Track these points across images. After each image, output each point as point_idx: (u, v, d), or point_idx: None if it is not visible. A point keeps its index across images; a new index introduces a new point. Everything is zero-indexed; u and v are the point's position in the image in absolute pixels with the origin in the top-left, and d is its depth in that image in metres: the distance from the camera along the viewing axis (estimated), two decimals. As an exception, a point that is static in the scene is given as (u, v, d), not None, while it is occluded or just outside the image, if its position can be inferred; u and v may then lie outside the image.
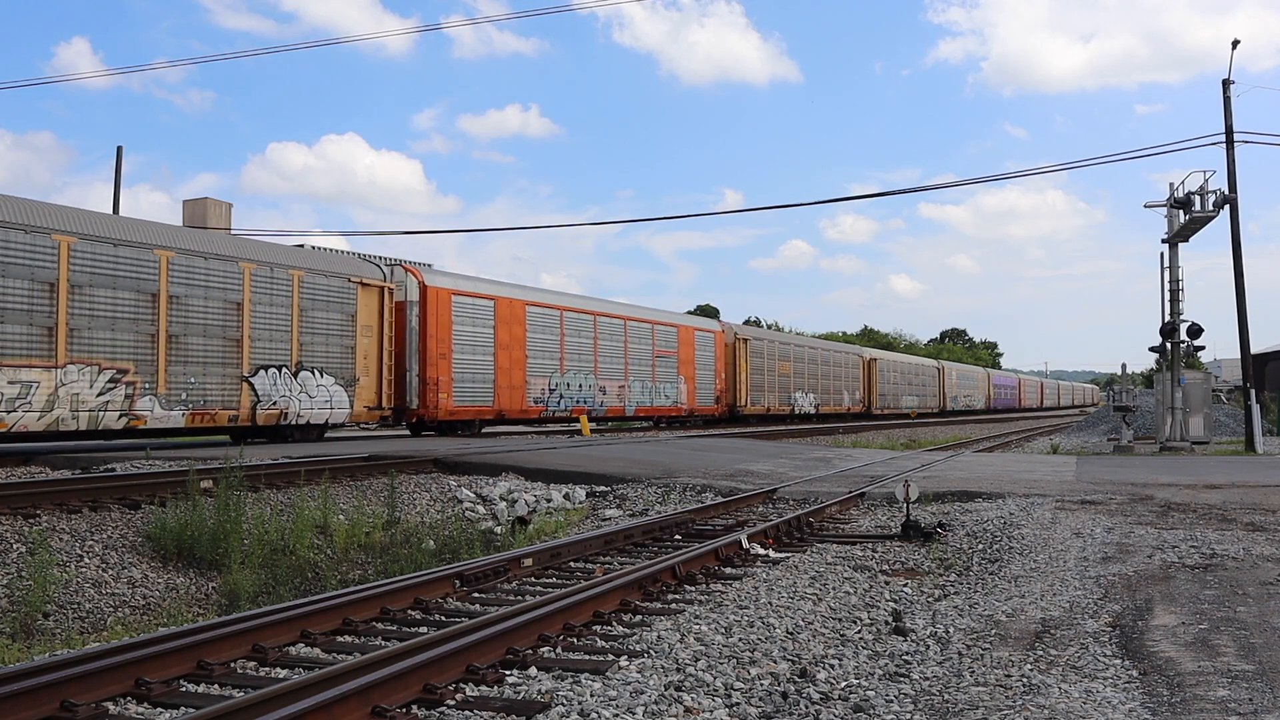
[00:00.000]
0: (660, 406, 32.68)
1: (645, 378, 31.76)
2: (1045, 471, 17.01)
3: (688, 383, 34.64)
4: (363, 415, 20.57)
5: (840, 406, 49.17)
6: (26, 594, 7.94)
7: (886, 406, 55.14)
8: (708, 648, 5.67)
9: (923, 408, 61.82)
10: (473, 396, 23.77)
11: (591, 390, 28.53)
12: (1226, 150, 25.14)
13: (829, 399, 47.90)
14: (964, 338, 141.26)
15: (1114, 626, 6.10)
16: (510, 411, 25.08)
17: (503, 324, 24.99)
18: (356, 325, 20.33)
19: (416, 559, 10.48)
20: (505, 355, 24.98)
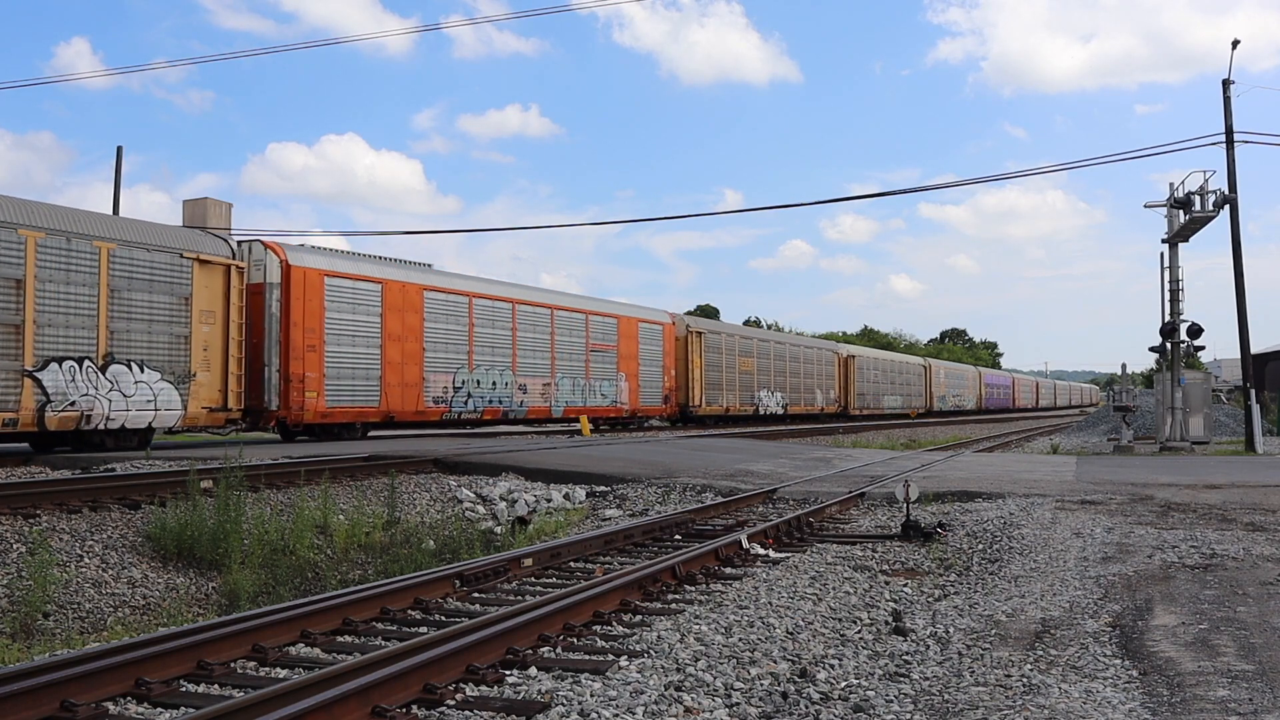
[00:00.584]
0: (595, 407, 29.06)
1: (577, 374, 28.10)
2: (1045, 471, 17.01)
3: (629, 380, 30.86)
4: (201, 418, 17.25)
5: (813, 406, 46.26)
6: (26, 594, 7.94)
7: (866, 407, 52.17)
8: (708, 648, 5.67)
9: (907, 408, 58.72)
10: (352, 396, 20.31)
11: (509, 389, 25.09)
12: (1226, 150, 25.14)
13: (799, 398, 44.74)
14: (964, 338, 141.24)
15: (1114, 626, 6.10)
16: (402, 413, 21.72)
17: (393, 311, 21.47)
18: (192, 310, 17.03)
19: (416, 559, 10.48)
20: (396, 348, 21.53)
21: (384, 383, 21.24)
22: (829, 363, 49.07)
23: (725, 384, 37.72)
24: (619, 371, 30.41)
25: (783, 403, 42.60)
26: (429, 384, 22.59)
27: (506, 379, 25.19)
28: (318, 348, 19.63)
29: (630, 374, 31.03)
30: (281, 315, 18.99)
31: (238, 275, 17.98)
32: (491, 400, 24.59)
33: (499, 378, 24.87)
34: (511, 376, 25.38)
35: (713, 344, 36.98)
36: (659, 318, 33.73)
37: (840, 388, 49.90)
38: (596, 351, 29.29)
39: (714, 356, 36.88)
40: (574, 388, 28.09)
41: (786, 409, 42.89)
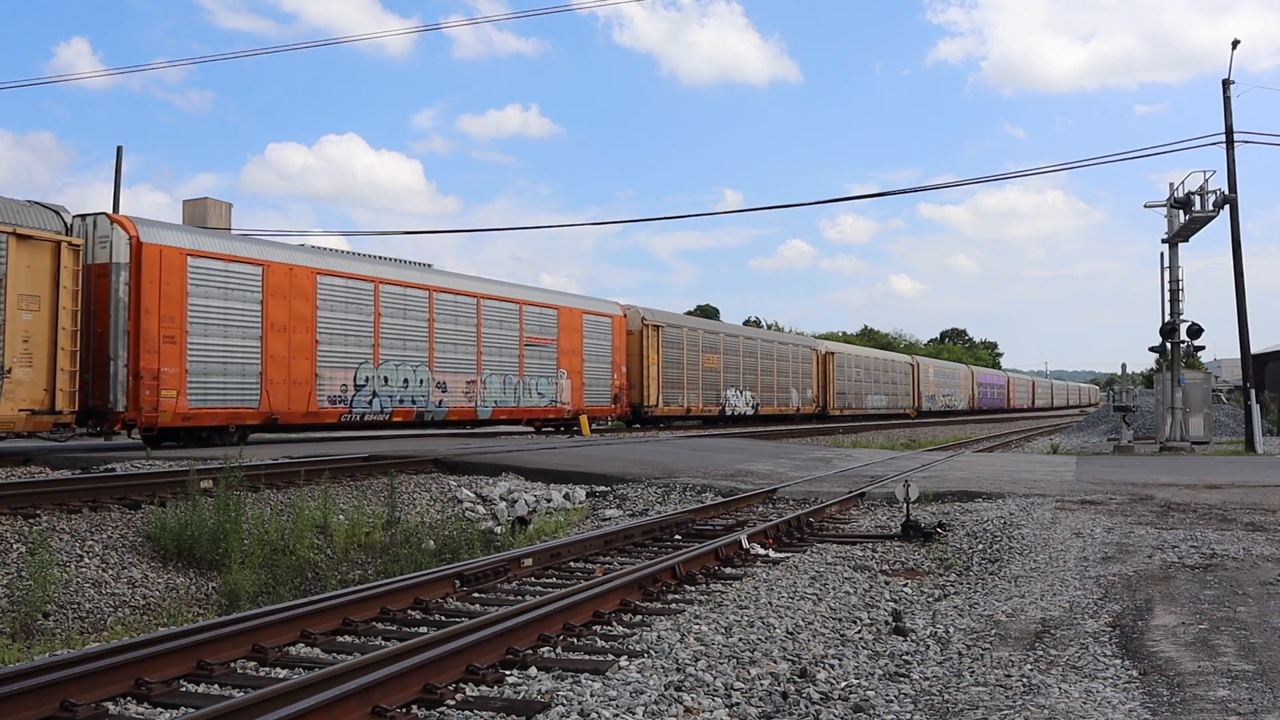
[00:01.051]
0: (531, 407, 26.11)
1: (509, 371, 25.25)
2: (1045, 471, 17.01)
3: (572, 377, 27.79)
4: (19, 422, 14.64)
5: (787, 407, 43.02)
6: (26, 594, 7.95)
7: (847, 407, 49.19)
8: (708, 648, 5.67)
9: (893, 408, 55.94)
10: (223, 395, 17.54)
11: (424, 387, 22.30)
12: (1226, 150, 25.15)
13: (772, 398, 41.60)
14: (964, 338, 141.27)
15: (1114, 626, 6.10)
16: (289, 414, 18.86)
17: (277, 298, 18.62)
18: (8, 294, 14.50)
19: (416, 559, 10.48)
20: (281, 340, 18.66)
21: (265, 380, 18.32)
22: (805, 360, 45.93)
23: (686, 382, 34.70)
24: (559, 368, 27.26)
25: (753, 402, 39.68)
26: (323, 381, 19.60)
27: (422, 376, 22.24)
28: (178, 339, 16.82)
29: (573, 371, 27.85)
30: (131, 301, 16.27)
31: (71, 254, 15.25)
32: (403, 400, 21.68)
33: (412, 375, 21.96)
34: (428, 374, 22.42)
35: (672, 338, 33.85)
36: (607, 309, 30.40)
37: (818, 386, 47.08)
38: (533, 346, 26.25)
39: (673, 352, 33.79)
40: (505, 386, 25.07)
41: (757, 409, 39.97)
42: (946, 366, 72.04)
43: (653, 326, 32.58)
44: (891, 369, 57.06)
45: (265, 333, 18.48)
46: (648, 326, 32.27)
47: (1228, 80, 25.52)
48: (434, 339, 22.81)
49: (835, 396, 47.86)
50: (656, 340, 32.76)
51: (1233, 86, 25.46)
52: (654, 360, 32.46)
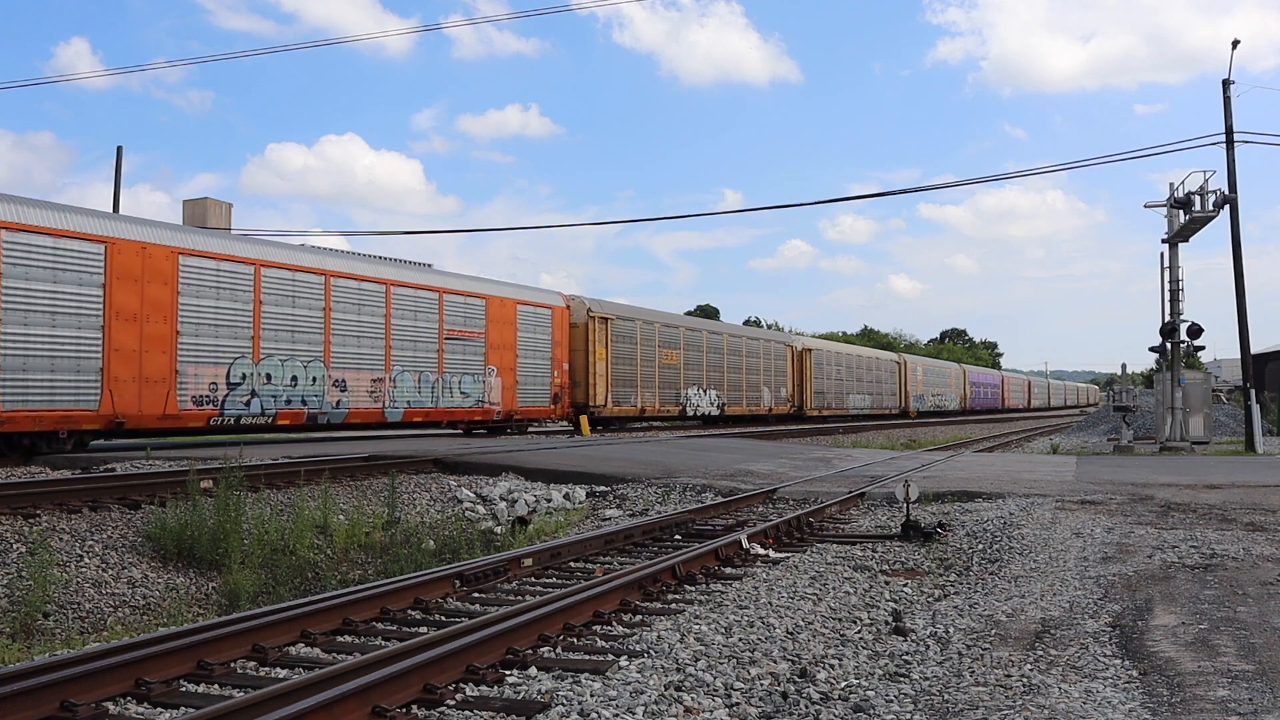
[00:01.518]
0: (453, 408, 23.28)
1: (426, 367, 22.46)
2: (1045, 471, 17.01)
3: (503, 375, 24.92)
4: None
5: (758, 407, 39.96)
6: (26, 594, 7.95)
7: (826, 406, 45.91)
8: (708, 648, 5.67)
9: (878, 409, 53.20)
10: (50, 395, 14.83)
11: (317, 385, 19.46)
12: (1226, 150, 25.15)
13: (740, 397, 38.57)
14: (964, 338, 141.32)
15: (1114, 626, 6.10)
16: (140, 418, 16.08)
17: (126, 282, 15.94)
18: None
19: (416, 559, 10.48)
20: (130, 331, 15.97)
21: (108, 377, 15.59)
22: (780, 356, 42.70)
23: (641, 380, 31.41)
24: (488, 365, 24.45)
25: (718, 402, 36.63)
26: (186, 379, 16.89)
27: (315, 373, 19.46)
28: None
29: (505, 368, 25.03)
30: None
31: None
32: (290, 400, 18.91)
33: (302, 371, 19.17)
34: (322, 370, 19.64)
35: (623, 332, 30.60)
36: (546, 299, 27.35)
37: (794, 385, 43.76)
38: (456, 340, 23.44)
39: (625, 347, 30.58)
40: (421, 385, 22.34)
41: (723, 409, 36.95)
42: (936, 365, 69.11)
43: (600, 319, 29.16)
44: (876, 367, 54.34)
45: (109, 322, 15.70)
46: (594, 319, 28.90)
47: (1228, 80, 25.53)
48: (331, 331, 19.92)
49: (812, 396, 44.62)
50: (605, 334, 29.35)
51: (1233, 86, 25.48)
52: (602, 356, 29.07)
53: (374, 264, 21.94)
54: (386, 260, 23.02)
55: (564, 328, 27.80)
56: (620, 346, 30.38)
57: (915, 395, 59.50)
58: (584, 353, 28.56)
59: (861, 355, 53.29)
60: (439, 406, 22.89)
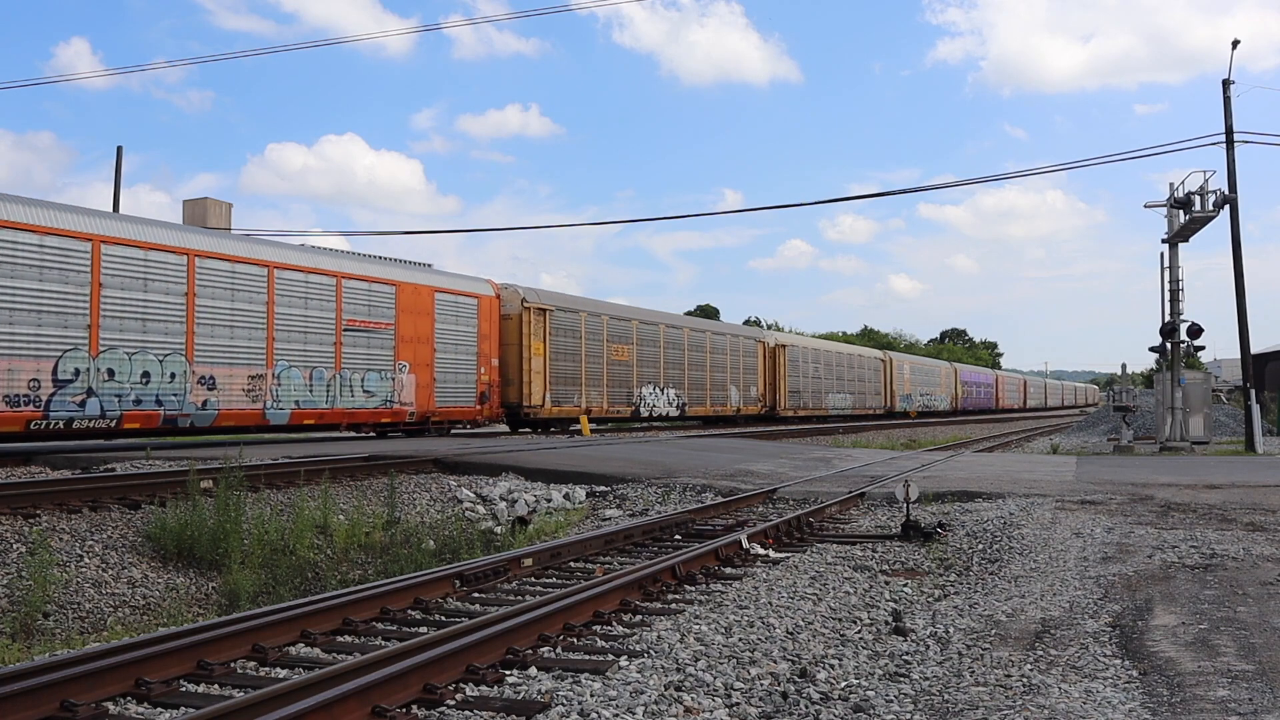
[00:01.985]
0: (354, 409, 20.52)
1: (320, 363, 19.69)
2: (1045, 471, 17.01)
3: (418, 371, 22.28)
4: None
5: (724, 407, 37.35)
6: (26, 594, 7.95)
7: (802, 406, 43.27)
8: (708, 648, 5.67)
9: (860, 408, 50.63)
10: None
11: (178, 382, 16.98)
12: (1226, 150, 25.16)
13: (703, 396, 35.87)
14: (964, 338, 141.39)
15: (1114, 626, 6.11)
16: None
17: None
18: None
19: (416, 559, 10.49)
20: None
21: None
22: (749, 353, 39.58)
23: (586, 377, 28.57)
24: (399, 360, 21.75)
25: (678, 402, 33.85)
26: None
27: (174, 369, 16.95)
28: None
29: (420, 363, 22.39)
30: None
31: None
32: (141, 400, 16.42)
33: (157, 367, 16.66)
34: (184, 365, 17.10)
35: (564, 325, 27.86)
36: (472, 287, 24.51)
37: (765, 383, 40.75)
38: (357, 332, 20.63)
39: (566, 341, 27.90)
40: (313, 383, 19.59)
41: (684, 410, 34.28)
42: (925, 363, 66.27)
43: (537, 310, 26.46)
44: (859, 365, 51.54)
45: None
46: (530, 310, 26.19)
47: (1228, 80, 25.53)
48: (195, 320, 17.32)
49: (786, 395, 41.77)
50: (543, 327, 26.62)
51: (1233, 86, 25.49)
52: (539, 351, 26.30)
53: (252, 244, 19.50)
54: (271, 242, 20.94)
55: (493, 319, 24.98)
56: (561, 340, 27.65)
57: (902, 395, 57.03)
58: (518, 347, 25.91)
59: (843, 352, 50.54)
60: (336, 407, 20.04)
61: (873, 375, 53.42)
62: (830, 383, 46.95)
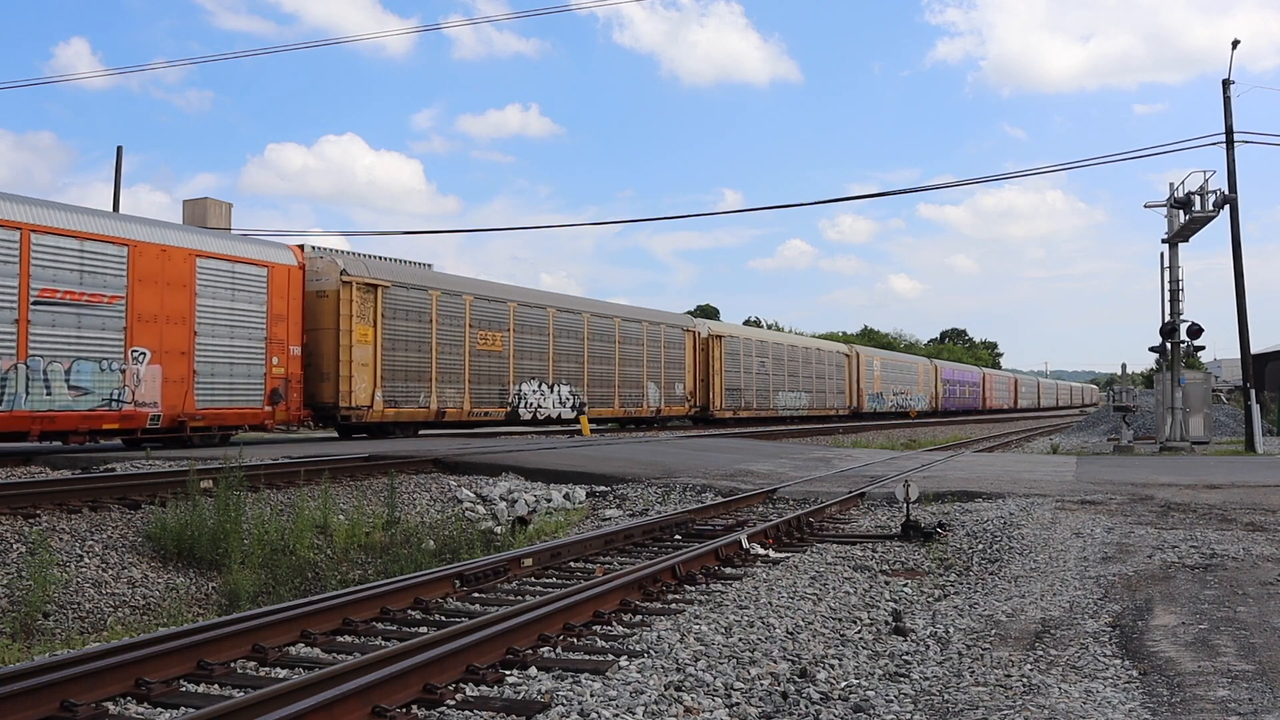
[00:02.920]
0: (51, 411, 15.16)
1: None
2: (1045, 471, 17.01)
3: (166, 361, 16.87)
4: None
5: (639, 407, 32.01)
6: (26, 594, 7.95)
7: (744, 406, 38.39)
8: (708, 648, 5.67)
9: (819, 408, 45.75)
10: None
11: None
12: (1226, 150, 25.15)
13: (610, 395, 30.38)
14: (964, 338, 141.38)
15: (1114, 626, 6.11)
16: None
17: None
18: None
19: (416, 559, 10.49)
20: None
21: None
22: (674, 344, 34.43)
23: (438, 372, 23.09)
24: (132, 346, 16.48)
25: (574, 401, 28.33)
26: None
27: None
28: None
29: (169, 351, 17.02)
30: None
31: None
32: None
33: None
34: None
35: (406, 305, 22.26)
36: (261, 253, 19.18)
37: (696, 380, 35.72)
38: (60, 307, 15.53)
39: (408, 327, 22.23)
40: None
41: (582, 410, 28.71)
42: (899, 359, 60.77)
43: (363, 286, 20.86)
44: (816, 360, 46.22)
45: None
46: (354, 286, 20.55)
47: (1228, 80, 25.53)
48: None
49: (722, 394, 36.66)
50: (373, 307, 21.16)
51: (1233, 86, 25.48)
52: (366, 338, 20.85)
53: None
54: None
55: (294, 296, 19.43)
56: (400, 325, 21.96)
57: (871, 393, 52.01)
58: (335, 332, 20.22)
59: (795, 346, 44.93)
60: (17, 410, 14.75)
61: (834, 371, 48.38)
62: (781, 380, 41.93)
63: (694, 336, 35.97)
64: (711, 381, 36.23)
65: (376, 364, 21.23)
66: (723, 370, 36.89)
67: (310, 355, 20.13)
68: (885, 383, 54.56)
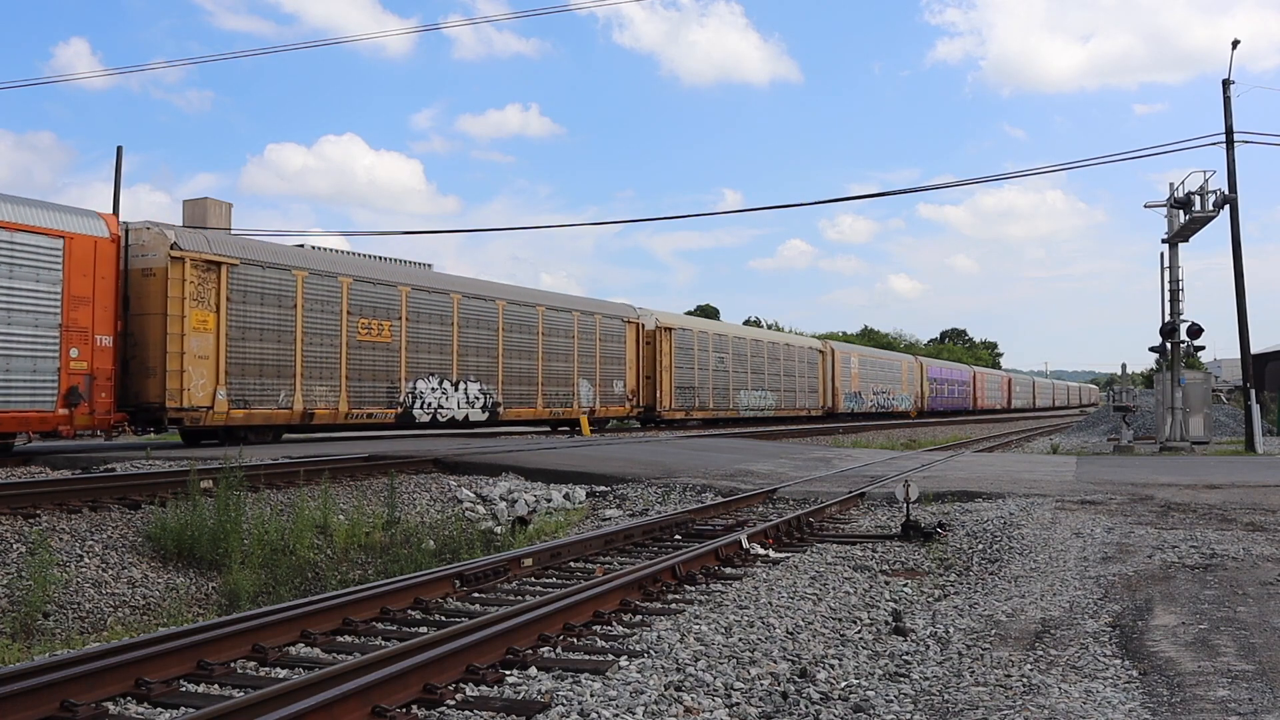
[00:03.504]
0: None
1: None
2: (1045, 471, 17.01)
3: None
4: None
5: (568, 407, 27.97)
6: (26, 594, 7.95)
7: (699, 406, 34.77)
8: (708, 648, 5.67)
9: (786, 409, 41.97)
10: None
11: None
12: (1226, 150, 25.15)
13: (533, 394, 26.43)
14: (964, 338, 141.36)
15: (1114, 626, 6.10)
16: None
17: None
18: None
19: (416, 559, 10.48)
20: None
21: None
22: (614, 337, 30.35)
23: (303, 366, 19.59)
24: None
25: (486, 401, 24.67)
26: None
27: None
28: None
29: None
30: None
31: None
32: None
33: None
34: None
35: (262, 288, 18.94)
36: (56, 221, 15.62)
37: (639, 377, 31.70)
38: None
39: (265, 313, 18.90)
40: None
41: (497, 411, 25.04)
42: (881, 356, 57.03)
43: (202, 264, 17.62)
44: (785, 356, 42.52)
45: None
46: (187, 263, 17.35)
47: (1228, 80, 25.52)
48: None
49: (672, 392, 32.92)
50: (215, 289, 17.89)
51: (1233, 86, 25.47)
52: (206, 325, 17.64)
53: None
54: None
55: (105, 274, 16.12)
56: (253, 310, 18.67)
57: (848, 393, 48.40)
58: (163, 318, 17.06)
59: (760, 340, 41.32)
60: None
61: (806, 369, 44.68)
62: (743, 377, 38.55)
63: (637, 329, 31.72)
64: (659, 379, 32.39)
65: (219, 356, 17.91)
66: (673, 366, 33.17)
67: (134, 346, 17.07)
68: (865, 381, 50.96)
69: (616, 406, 30.43)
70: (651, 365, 32.44)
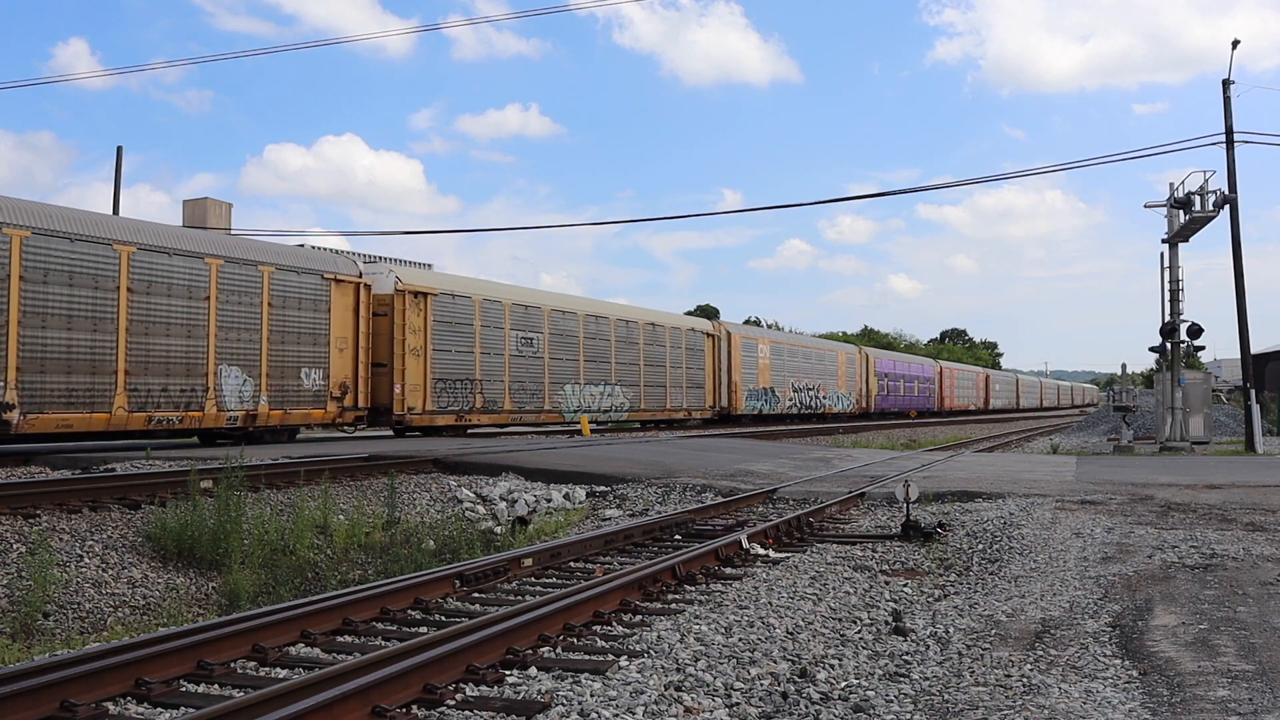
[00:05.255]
0: None
1: None
2: (1045, 471, 17.01)
3: None
4: None
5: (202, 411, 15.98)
6: (26, 594, 7.94)
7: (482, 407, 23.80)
8: (708, 648, 5.67)
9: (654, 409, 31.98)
10: None
11: None
12: (1226, 150, 25.15)
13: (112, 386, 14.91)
14: (964, 338, 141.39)
15: (1114, 626, 6.10)
16: None
17: None
18: None
19: (416, 559, 10.48)
20: None
21: None
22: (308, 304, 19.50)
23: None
24: None
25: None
26: None
27: None
28: None
29: None
30: None
31: None
32: None
33: None
34: None
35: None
36: None
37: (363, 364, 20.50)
38: None
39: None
40: None
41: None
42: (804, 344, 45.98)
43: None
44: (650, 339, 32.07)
45: None
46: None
47: (1228, 80, 25.52)
48: None
49: (428, 386, 22.18)
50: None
51: (1233, 86, 25.48)
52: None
53: None
54: None
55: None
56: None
57: (753, 389, 38.24)
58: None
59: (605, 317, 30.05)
60: None
61: (689, 358, 34.31)
62: (573, 367, 27.95)
63: (361, 291, 20.14)
64: (398, 366, 21.40)
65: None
66: (428, 348, 22.28)
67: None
68: (781, 374, 40.75)
69: (308, 408, 19.18)
70: (389, 346, 21.35)
